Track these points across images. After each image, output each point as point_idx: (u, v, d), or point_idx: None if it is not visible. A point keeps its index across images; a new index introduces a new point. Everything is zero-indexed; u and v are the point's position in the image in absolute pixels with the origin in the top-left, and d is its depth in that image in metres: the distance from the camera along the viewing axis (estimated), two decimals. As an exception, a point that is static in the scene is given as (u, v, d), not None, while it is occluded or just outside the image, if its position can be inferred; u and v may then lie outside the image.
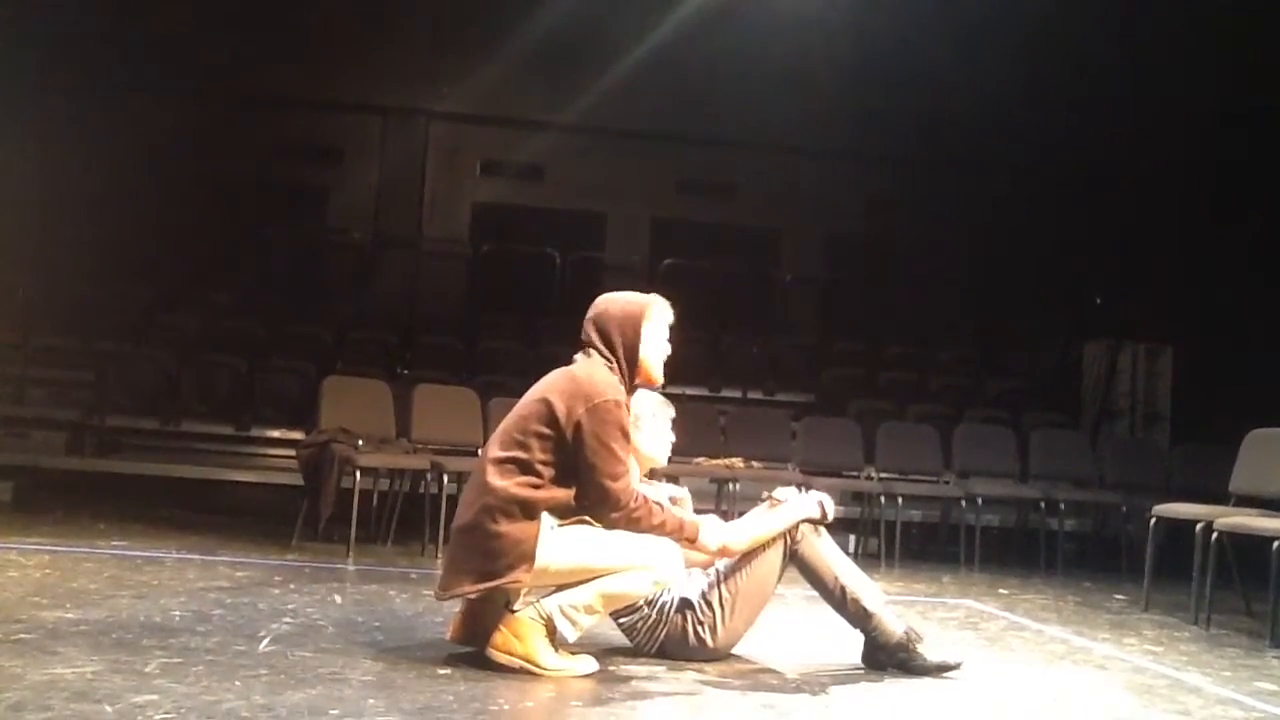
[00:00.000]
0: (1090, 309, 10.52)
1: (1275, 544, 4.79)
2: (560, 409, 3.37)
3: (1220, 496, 5.56)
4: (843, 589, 3.67)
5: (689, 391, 9.31)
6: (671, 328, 3.65)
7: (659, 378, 3.62)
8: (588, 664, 3.43)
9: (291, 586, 4.74)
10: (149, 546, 5.52)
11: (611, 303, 3.63)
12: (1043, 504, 7.50)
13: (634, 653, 3.71)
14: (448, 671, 3.32)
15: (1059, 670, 4.06)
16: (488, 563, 3.31)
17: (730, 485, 7.28)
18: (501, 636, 3.35)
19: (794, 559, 3.71)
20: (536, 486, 3.36)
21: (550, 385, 3.48)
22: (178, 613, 3.96)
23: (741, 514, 7.38)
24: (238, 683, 2.98)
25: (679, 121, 11.74)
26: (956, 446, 7.91)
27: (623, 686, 3.32)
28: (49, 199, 9.30)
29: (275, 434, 8.80)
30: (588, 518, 3.42)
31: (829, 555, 3.71)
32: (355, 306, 10.69)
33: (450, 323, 10.75)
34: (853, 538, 7.64)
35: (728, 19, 10.07)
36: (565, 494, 3.40)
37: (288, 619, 3.97)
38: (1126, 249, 10.33)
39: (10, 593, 4.12)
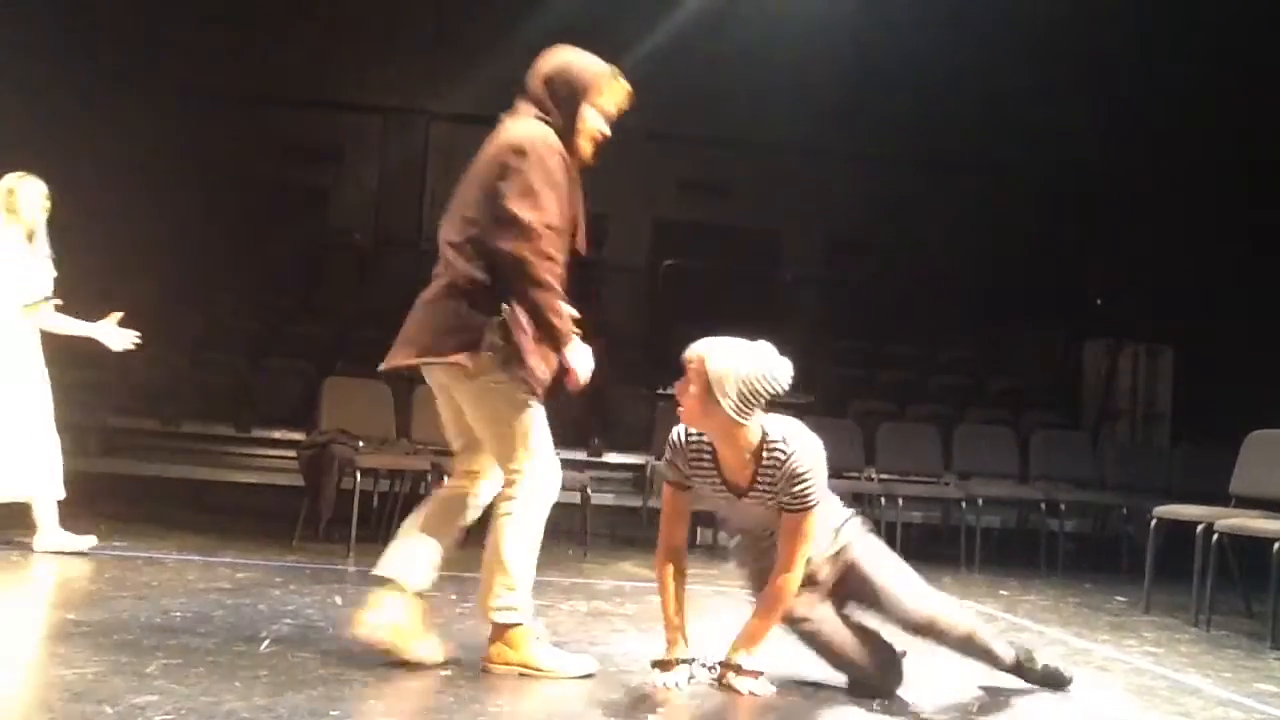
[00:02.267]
0: (1091, 309, 10.53)
1: (1276, 545, 4.79)
2: (499, 163, 3.24)
3: (1221, 498, 5.55)
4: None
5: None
6: (621, 111, 3.48)
7: (588, 156, 3.49)
8: (587, 663, 3.43)
9: (292, 588, 4.74)
10: (150, 547, 5.52)
11: (568, 66, 3.42)
12: (1043, 505, 7.50)
13: (630, 657, 3.71)
14: (448, 673, 3.32)
15: (1059, 671, 4.04)
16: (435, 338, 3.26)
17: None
18: (496, 649, 3.33)
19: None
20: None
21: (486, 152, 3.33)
22: (178, 614, 3.96)
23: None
24: (238, 684, 2.98)
25: (680, 122, 11.75)
26: (957, 447, 7.91)
27: (621, 686, 3.32)
28: (67, 206, 9.31)
29: (276, 435, 8.80)
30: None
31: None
32: (355, 306, 10.69)
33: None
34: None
35: (729, 19, 10.09)
36: None
37: (288, 620, 3.97)
38: (1127, 249, 10.34)
39: (12, 593, 4.11)
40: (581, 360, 3.34)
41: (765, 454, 3.33)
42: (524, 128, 3.32)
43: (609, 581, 5.73)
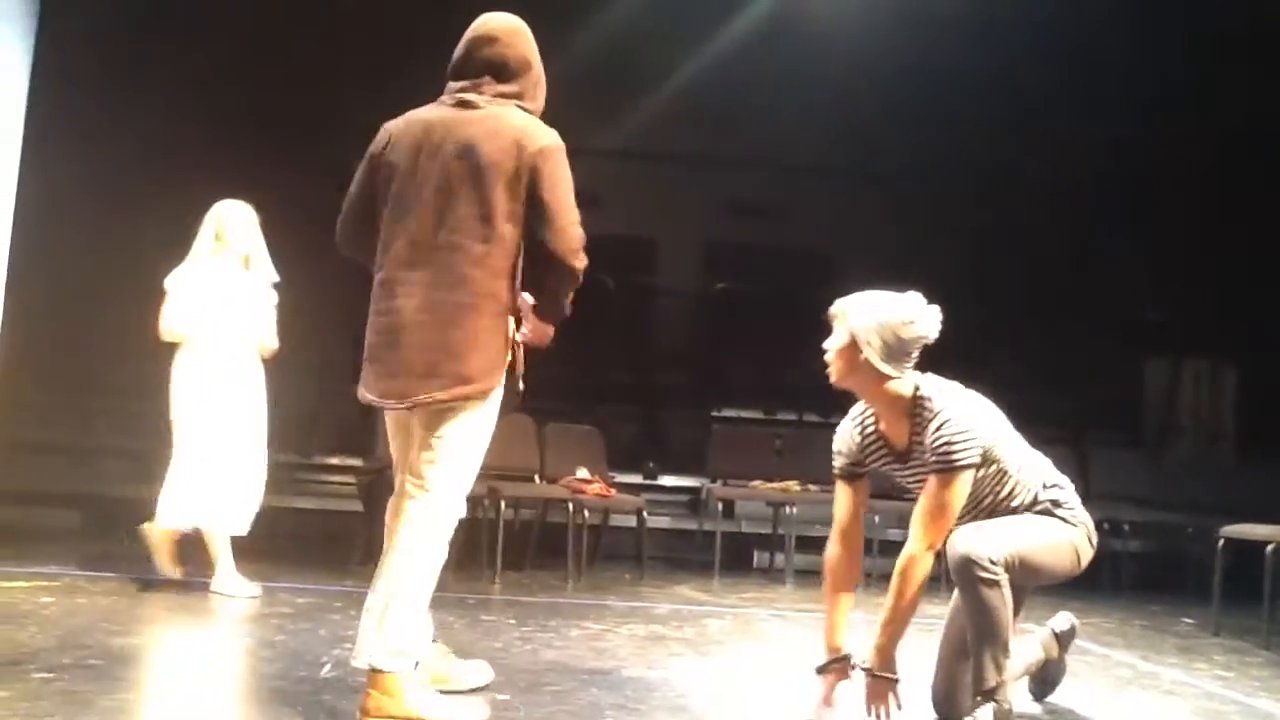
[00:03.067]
0: (1151, 326, 10.36)
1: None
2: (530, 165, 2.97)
3: (1289, 517, 5.43)
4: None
5: (744, 414, 9.30)
6: None
7: None
8: (478, 711, 3.13)
9: (351, 613, 4.76)
10: (211, 573, 5.59)
11: (532, 43, 3.14)
12: (1106, 525, 7.36)
13: (688, 680, 3.69)
14: (506, 697, 3.33)
15: (1126, 696, 3.98)
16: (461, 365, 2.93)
17: (787, 509, 7.24)
18: (373, 701, 2.88)
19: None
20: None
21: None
22: (242, 639, 4.01)
23: (798, 539, 7.34)
24: (301, 708, 3.01)
25: (730, 145, 11.77)
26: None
27: (680, 710, 3.31)
28: (102, 228, 9.49)
29: (335, 460, 8.90)
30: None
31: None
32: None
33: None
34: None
35: (776, 40, 10.08)
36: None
37: (348, 645, 3.99)
38: (1188, 263, 10.17)
39: (79, 619, 4.20)
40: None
41: (916, 411, 3.20)
42: (532, 124, 3.06)
43: (665, 605, 5.72)
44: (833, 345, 3.23)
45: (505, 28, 3.11)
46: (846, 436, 3.37)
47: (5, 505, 7.12)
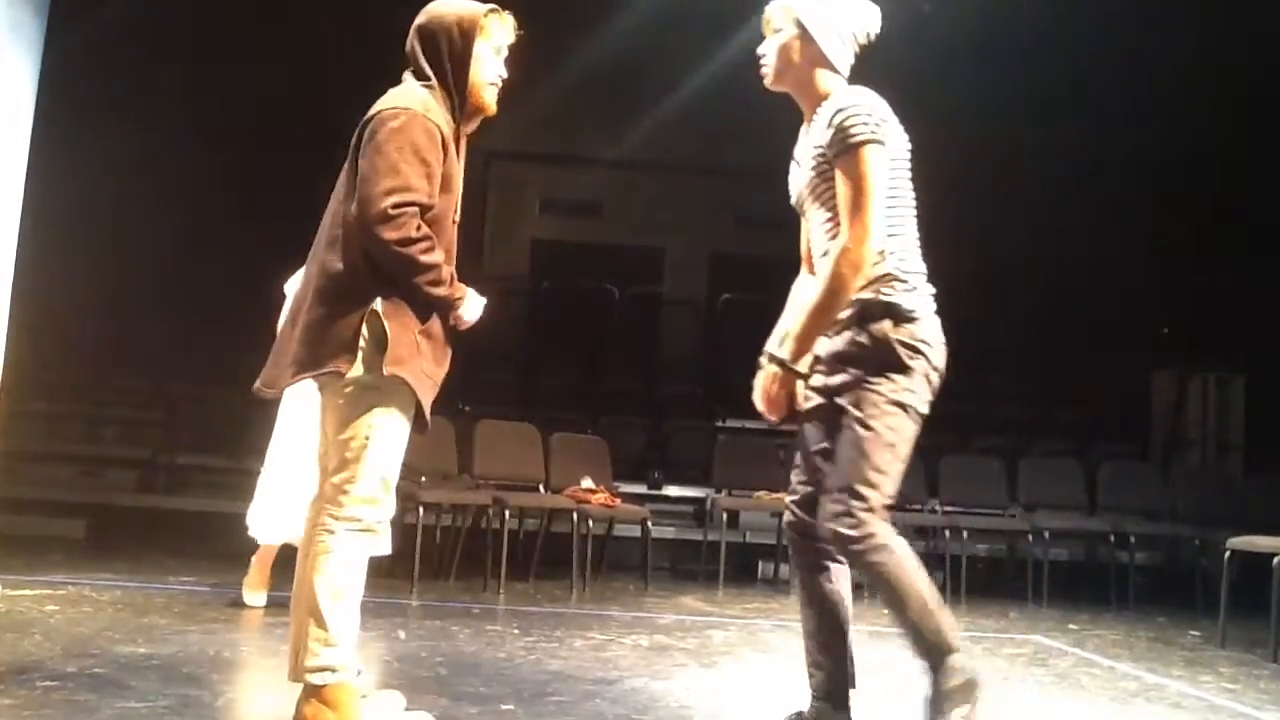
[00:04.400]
0: (1158, 337, 10.33)
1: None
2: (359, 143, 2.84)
3: (1297, 528, 5.41)
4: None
5: (748, 425, 9.27)
6: (511, 48, 3.03)
7: (491, 105, 3.02)
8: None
9: (369, 622, 4.77)
10: (218, 582, 5.60)
11: (442, 14, 2.95)
12: (1112, 537, 7.35)
13: (692, 691, 3.69)
14: (510, 708, 3.32)
15: (1132, 709, 3.96)
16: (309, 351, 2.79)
17: (792, 519, 7.22)
18: (312, 709, 2.81)
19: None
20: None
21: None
22: (245, 647, 4.01)
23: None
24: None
25: (735, 155, 11.78)
26: (1022, 479, 7.79)
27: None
28: (118, 242, 9.54)
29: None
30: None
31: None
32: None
33: (511, 358, 10.83)
34: (917, 572, 7.52)
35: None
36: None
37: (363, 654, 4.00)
38: (1195, 275, 10.15)
39: (84, 627, 4.20)
40: (473, 309, 2.98)
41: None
42: (388, 99, 2.88)
43: (670, 615, 5.71)
44: (774, 41, 3.02)
45: (424, 12, 2.99)
46: (791, 175, 3.18)
47: (12, 514, 7.13)
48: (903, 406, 2.82)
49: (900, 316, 2.86)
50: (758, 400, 2.94)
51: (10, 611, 4.50)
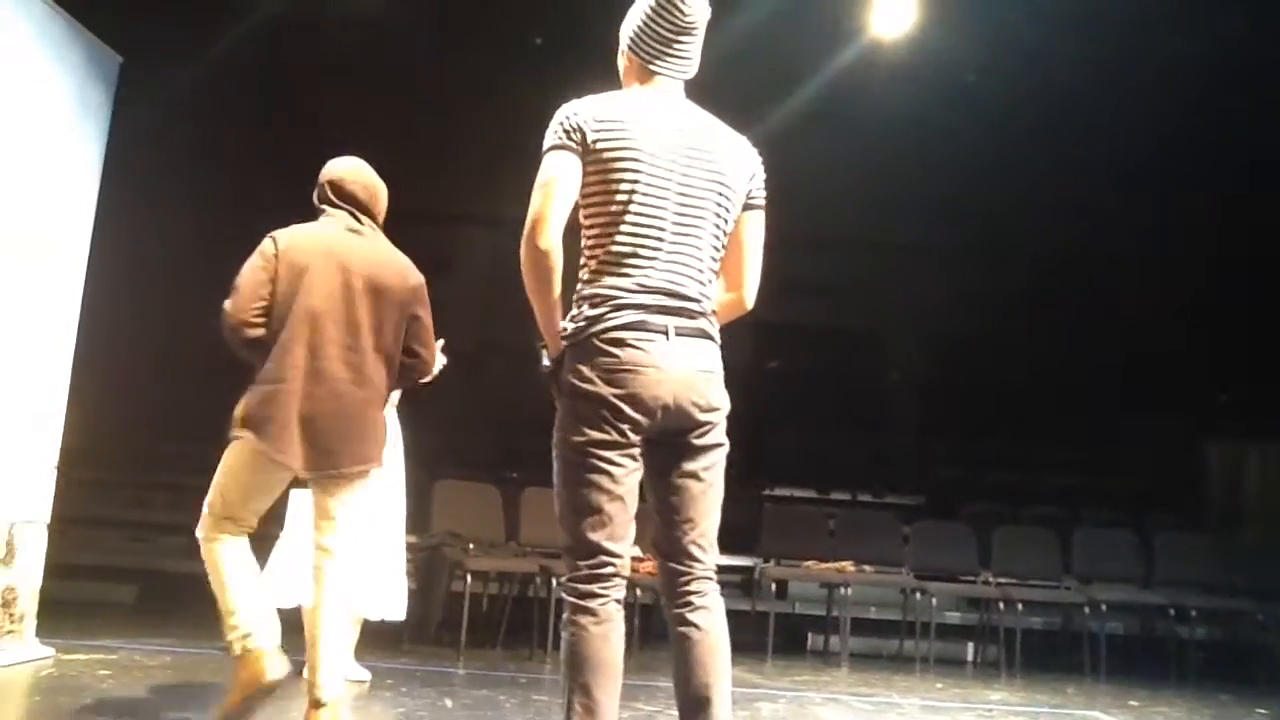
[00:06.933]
0: (1215, 406, 10.17)
1: None
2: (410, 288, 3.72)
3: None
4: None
5: (796, 493, 9.22)
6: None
7: None
8: None
9: (403, 690, 4.76)
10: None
11: (374, 178, 3.89)
12: (1171, 611, 7.17)
13: None
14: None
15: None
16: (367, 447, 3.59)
17: (841, 590, 7.13)
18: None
19: None
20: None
21: (385, 265, 3.70)
22: (295, 714, 4.00)
23: (853, 621, 7.22)
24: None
25: (779, 223, 11.84)
26: (1076, 550, 7.65)
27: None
28: (171, 312, 9.73)
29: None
30: None
31: None
32: (463, 412, 10.87)
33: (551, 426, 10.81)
34: (971, 645, 7.39)
35: (823, 119, 10.19)
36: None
37: (400, 723, 3.99)
38: (1253, 342, 10.00)
39: (135, 693, 4.22)
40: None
41: None
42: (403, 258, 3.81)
43: (718, 687, 5.62)
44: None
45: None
46: None
47: (66, 579, 7.19)
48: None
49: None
50: None
51: (63, 676, 4.54)
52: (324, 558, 3.55)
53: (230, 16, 8.38)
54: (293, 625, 4.97)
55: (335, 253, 3.58)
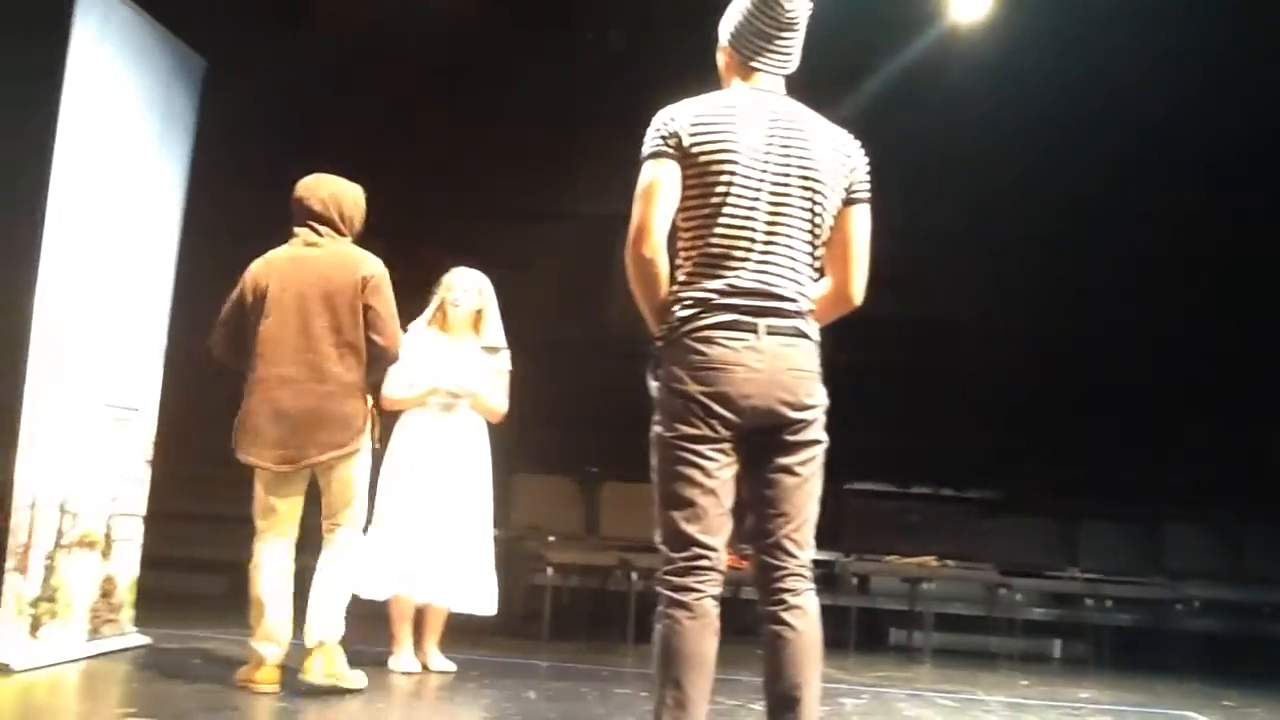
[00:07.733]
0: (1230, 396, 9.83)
1: None
2: (359, 280, 4.17)
3: None
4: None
5: (876, 487, 9.12)
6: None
7: None
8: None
9: (486, 681, 4.82)
10: (360, 639, 5.70)
11: (348, 190, 4.39)
12: (1266, 609, 6.97)
13: None
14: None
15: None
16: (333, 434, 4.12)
17: (924, 584, 7.05)
18: (325, 662, 4.15)
19: None
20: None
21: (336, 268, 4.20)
22: (381, 704, 4.08)
23: (936, 616, 7.14)
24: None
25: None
26: (1167, 546, 7.48)
27: None
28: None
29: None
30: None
31: None
32: (538, 407, 10.92)
33: (635, 421, 10.83)
34: (1058, 642, 7.26)
35: (897, 106, 10.05)
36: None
37: (483, 713, 4.04)
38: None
39: (225, 680, 4.34)
40: None
41: None
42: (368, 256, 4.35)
43: (799, 682, 5.59)
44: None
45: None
46: None
47: (162, 570, 7.40)
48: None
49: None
50: None
51: (158, 663, 4.68)
52: (333, 526, 4.40)
53: (313, 20, 8.53)
54: (380, 617, 5.09)
55: (289, 271, 4.14)
